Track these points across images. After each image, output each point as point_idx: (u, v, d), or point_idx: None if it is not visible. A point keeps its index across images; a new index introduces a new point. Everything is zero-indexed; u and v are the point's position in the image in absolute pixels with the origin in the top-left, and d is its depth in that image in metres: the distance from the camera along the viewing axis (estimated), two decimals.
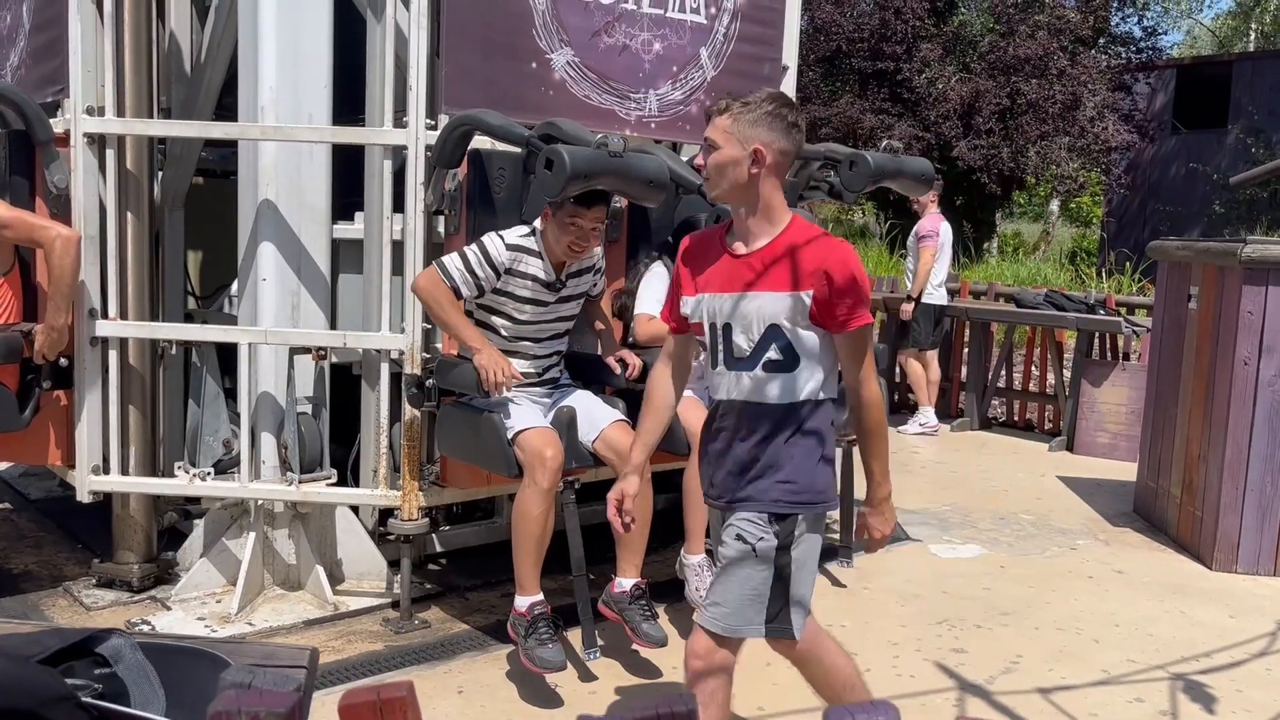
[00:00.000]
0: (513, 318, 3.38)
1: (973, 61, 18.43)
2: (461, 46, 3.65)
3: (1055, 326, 7.68)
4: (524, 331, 3.41)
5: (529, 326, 3.40)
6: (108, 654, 1.05)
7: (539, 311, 3.39)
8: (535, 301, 3.37)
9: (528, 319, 3.39)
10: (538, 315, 3.40)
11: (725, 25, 4.35)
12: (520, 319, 3.39)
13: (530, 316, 3.39)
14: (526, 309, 3.38)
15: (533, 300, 3.37)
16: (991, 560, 4.77)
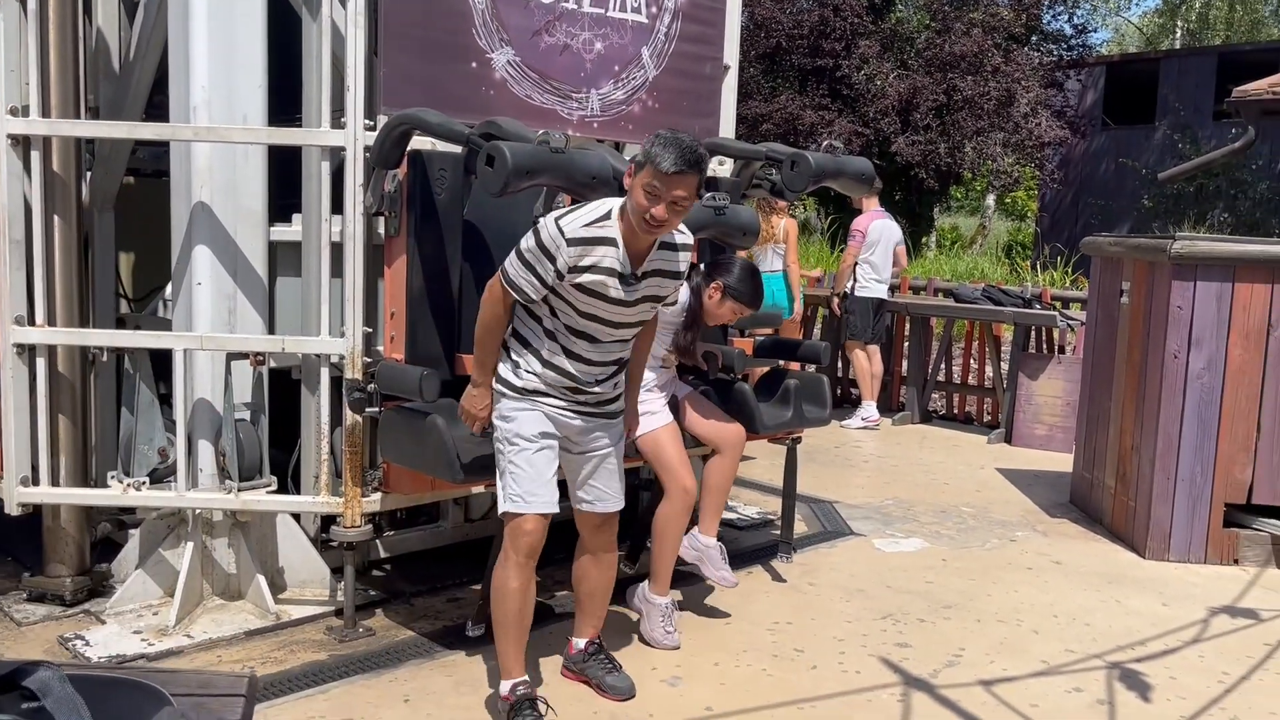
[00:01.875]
0: (575, 308, 2.91)
1: (910, 58, 18.69)
2: (400, 46, 3.60)
3: (993, 321, 7.81)
4: (586, 328, 2.94)
5: (592, 324, 2.94)
6: (35, 687, 1.02)
7: (608, 309, 2.91)
8: (603, 297, 2.88)
9: (591, 314, 2.91)
10: (606, 312, 2.92)
11: (666, 25, 4.35)
12: (583, 312, 2.91)
13: (594, 310, 2.90)
14: (593, 303, 2.89)
15: (600, 295, 2.88)
16: (933, 554, 4.84)
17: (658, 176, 2.69)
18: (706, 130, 4.55)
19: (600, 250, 2.83)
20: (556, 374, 2.96)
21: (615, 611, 3.93)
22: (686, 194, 2.73)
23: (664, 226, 2.78)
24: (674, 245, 2.98)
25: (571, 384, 2.98)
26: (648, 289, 2.94)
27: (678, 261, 3.00)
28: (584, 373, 2.98)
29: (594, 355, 2.98)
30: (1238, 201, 18.28)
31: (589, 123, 4.14)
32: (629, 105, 4.27)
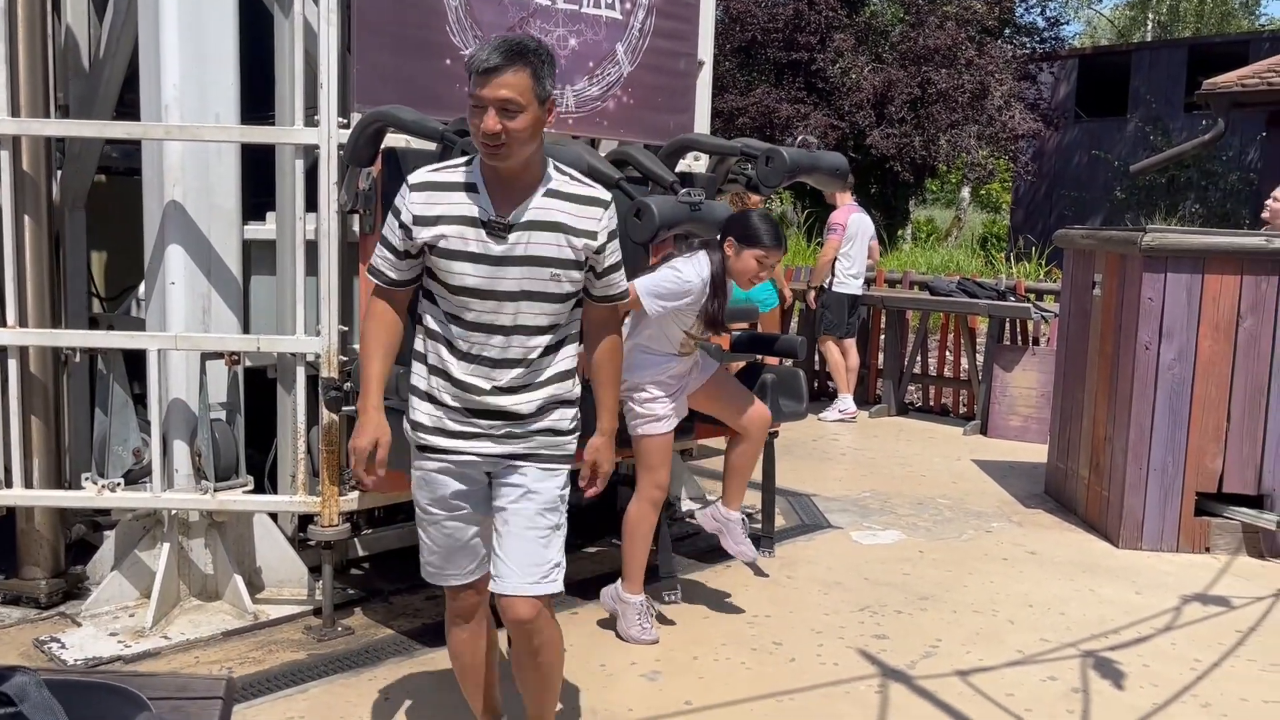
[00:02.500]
0: (446, 283, 2.35)
1: (884, 52, 18.76)
2: (373, 43, 3.59)
3: (968, 313, 7.87)
4: (461, 309, 2.35)
5: (467, 301, 2.34)
6: (12, 693, 1.02)
7: (476, 273, 2.30)
8: (467, 256, 2.29)
9: (461, 285, 2.32)
10: (476, 278, 2.31)
11: (641, 21, 4.35)
12: (453, 285, 2.33)
13: (463, 280, 2.31)
14: (456, 268, 2.31)
15: (462, 254, 2.30)
16: (910, 545, 4.88)
17: (475, 81, 2.19)
18: (681, 126, 4.56)
19: (452, 196, 2.31)
20: (442, 381, 2.40)
21: (593, 604, 3.94)
22: (513, 94, 2.17)
23: (507, 147, 2.20)
24: (571, 195, 2.35)
25: (462, 392, 2.38)
26: (531, 246, 2.31)
27: (577, 216, 2.34)
28: (473, 374, 2.36)
29: (480, 347, 2.36)
30: (1209, 193, 18.48)
31: (564, 119, 4.13)
32: (604, 101, 4.27)
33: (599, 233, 2.38)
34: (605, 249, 2.40)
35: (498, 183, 2.30)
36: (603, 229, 2.39)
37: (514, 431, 2.43)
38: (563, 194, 2.34)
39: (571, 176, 2.39)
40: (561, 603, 3.97)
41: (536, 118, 2.23)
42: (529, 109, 2.20)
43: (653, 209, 3.43)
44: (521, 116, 2.19)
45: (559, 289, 2.36)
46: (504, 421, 2.42)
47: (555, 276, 2.34)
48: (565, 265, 2.36)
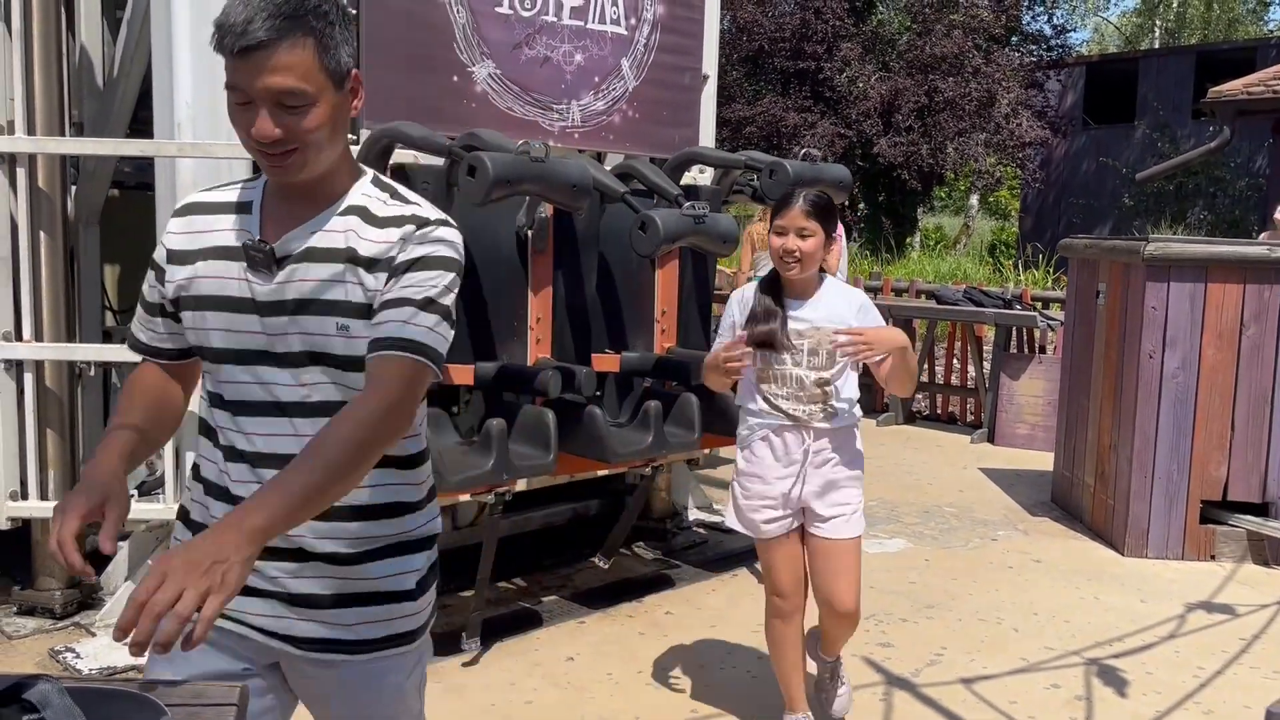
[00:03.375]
0: (203, 347, 1.60)
1: (891, 60, 18.80)
2: (382, 60, 3.65)
3: (974, 322, 7.90)
4: (222, 384, 1.59)
5: (231, 371, 1.58)
6: (35, 700, 1.06)
7: (239, 329, 1.56)
8: (225, 303, 1.56)
9: (224, 347, 1.57)
10: (238, 339, 1.56)
11: (645, 36, 4.40)
12: (212, 349, 1.58)
13: (226, 340, 1.57)
14: (211, 320, 1.57)
15: (218, 300, 1.57)
16: (916, 554, 4.90)
17: (232, 65, 1.43)
18: (686, 139, 4.60)
19: (218, 221, 1.60)
20: (197, 484, 1.66)
21: (601, 614, 3.98)
22: (294, 81, 1.42)
23: (300, 155, 1.47)
24: (375, 216, 1.56)
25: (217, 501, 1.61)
26: (306, 285, 1.53)
27: (373, 241, 1.54)
28: (231, 476, 1.58)
29: (251, 440, 1.56)
30: (1217, 199, 18.45)
31: (570, 133, 4.19)
32: (609, 115, 4.32)
33: (399, 253, 1.52)
34: (407, 274, 1.52)
35: (280, 200, 1.57)
36: (401, 248, 1.53)
37: (314, 594, 1.57)
38: (365, 212, 1.55)
39: (393, 192, 1.59)
40: (569, 612, 4.02)
41: (335, 106, 1.48)
42: (322, 97, 1.45)
43: (657, 222, 3.47)
44: (313, 112, 1.45)
45: (349, 350, 1.52)
46: (298, 564, 1.57)
47: (343, 329, 1.52)
48: (355, 312, 1.52)
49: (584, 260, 4.09)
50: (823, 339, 2.81)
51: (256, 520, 1.31)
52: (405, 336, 1.48)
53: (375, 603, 1.60)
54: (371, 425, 1.43)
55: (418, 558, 1.66)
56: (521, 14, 3.98)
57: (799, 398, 2.85)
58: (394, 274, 1.52)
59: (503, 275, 3.88)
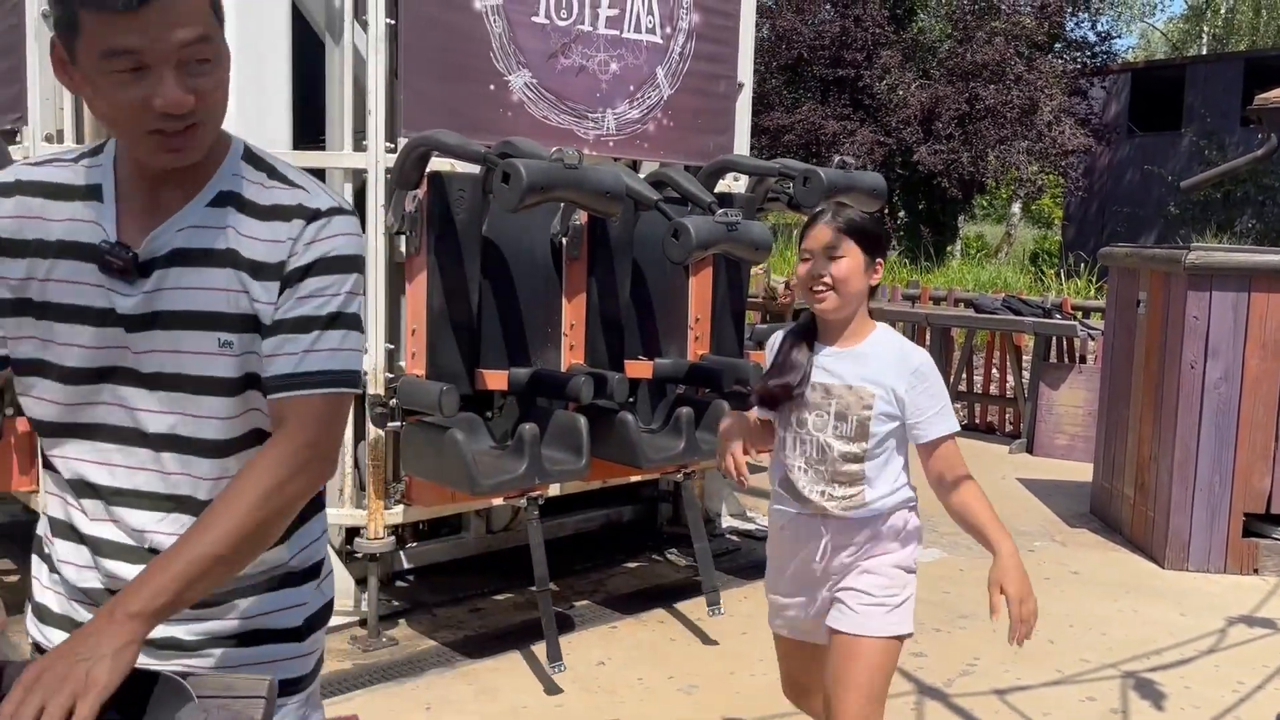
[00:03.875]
0: (53, 365, 1.31)
1: (932, 68, 18.71)
2: (420, 69, 3.70)
3: (1013, 331, 7.82)
4: (69, 405, 1.33)
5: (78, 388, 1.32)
6: None
7: (98, 347, 1.30)
8: (82, 315, 1.29)
9: (75, 364, 1.30)
10: (96, 357, 1.30)
11: (681, 45, 4.43)
12: (65, 368, 1.31)
13: (80, 358, 1.30)
14: (64, 335, 1.30)
15: (73, 311, 1.29)
16: (951, 564, 4.87)
17: (114, 25, 1.14)
18: (721, 147, 4.62)
19: (59, 208, 1.30)
20: (64, 544, 1.38)
21: (633, 619, 4.00)
22: (202, 28, 1.18)
23: (202, 129, 1.23)
24: (259, 206, 1.31)
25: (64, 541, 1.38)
26: (179, 295, 1.28)
27: (262, 239, 1.30)
28: (84, 510, 1.35)
29: (97, 466, 1.33)
30: (1266, 208, 18.12)
31: (605, 141, 4.22)
32: (644, 124, 4.35)
33: (290, 257, 1.29)
34: (304, 281, 1.29)
35: (137, 184, 1.30)
36: (292, 250, 1.30)
37: (175, 637, 1.36)
38: (241, 200, 1.31)
39: (270, 170, 1.35)
40: (601, 617, 4.04)
41: (228, 62, 1.25)
42: (221, 51, 1.23)
43: (690, 229, 3.49)
44: (219, 69, 1.22)
45: (231, 370, 1.29)
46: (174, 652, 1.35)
47: (226, 345, 1.29)
48: (239, 325, 1.29)
49: (618, 267, 4.12)
50: (854, 402, 2.17)
51: (132, 605, 1.14)
52: (316, 369, 1.27)
53: (251, 644, 1.38)
54: (289, 478, 1.25)
55: (303, 590, 1.43)
56: (558, 23, 4.02)
57: (820, 473, 2.20)
58: (287, 283, 1.28)
59: (537, 282, 3.92)
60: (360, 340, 1.33)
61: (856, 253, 2.16)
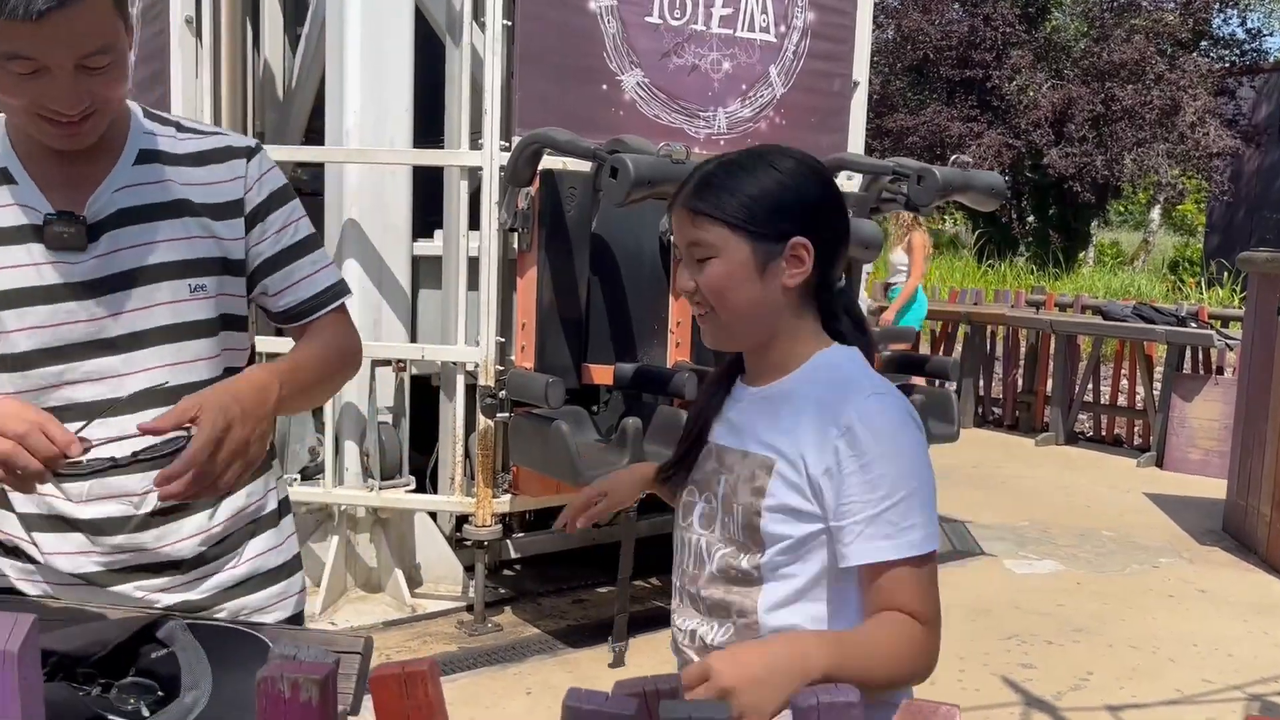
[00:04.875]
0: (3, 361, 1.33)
1: (1065, 67, 18.07)
2: (534, 70, 3.79)
3: (1144, 340, 7.50)
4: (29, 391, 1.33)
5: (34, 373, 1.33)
6: (163, 637, 1.18)
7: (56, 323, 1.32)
8: (21, 297, 1.31)
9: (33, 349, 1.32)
10: (56, 334, 1.32)
11: (795, 43, 4.41)
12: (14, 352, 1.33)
13: (31, 340, 1.32)
14: (10, 320, 1.32)
15: (12, 296, 1.31)
16: (1068, 576, 4.70)
17: (15, 31, 1.15)
18: (834, 146, 4.58)
19: None
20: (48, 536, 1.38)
21: None
22: (103, 39, 1.20)
23: (99, 118, 1.27)
24: (185, 155, 1.39)
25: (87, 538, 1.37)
26: (137, 251, 1.33)
27: (206, 183, 1.38)
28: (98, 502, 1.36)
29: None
30: None
31: (715, 140, 4.23)
32: (756, 122, 4.35)
33: (247, 194, 1.39)
34: (269, 217, 1.41)
35: (47, 160, 1.32)
36: (245, 187, 1.39)
37: (190, 599, 1.41)
38: (167, 155, 1.37)
39: (177, 125, 1.41)
40: None
41: (127, 58, 1.28)
42: (121, 55, 1.25)
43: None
44: (117, 71, 1.25)
45: (204, 312, 1.36)
46: (169, 577, 1.40)
47: (199, 289, 1.35)
48: (208, 269, 1.36)
49: None
50: (743, 481, 1.27)
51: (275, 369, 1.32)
52: (326, 286, 1.45)
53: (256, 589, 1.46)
54: (350, 370, 1.49)
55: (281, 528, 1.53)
56: (671, 23, 4.05)
57: (692, 599, 1.33)
58: (254, 218, 1.39)
59: (645, 279, 3.96)
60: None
61: (737, 245, 1.25)
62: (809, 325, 1.30)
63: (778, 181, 1.25)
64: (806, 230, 1.24)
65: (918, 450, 1.21)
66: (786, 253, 1.24)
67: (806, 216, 1.25)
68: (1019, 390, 8.21)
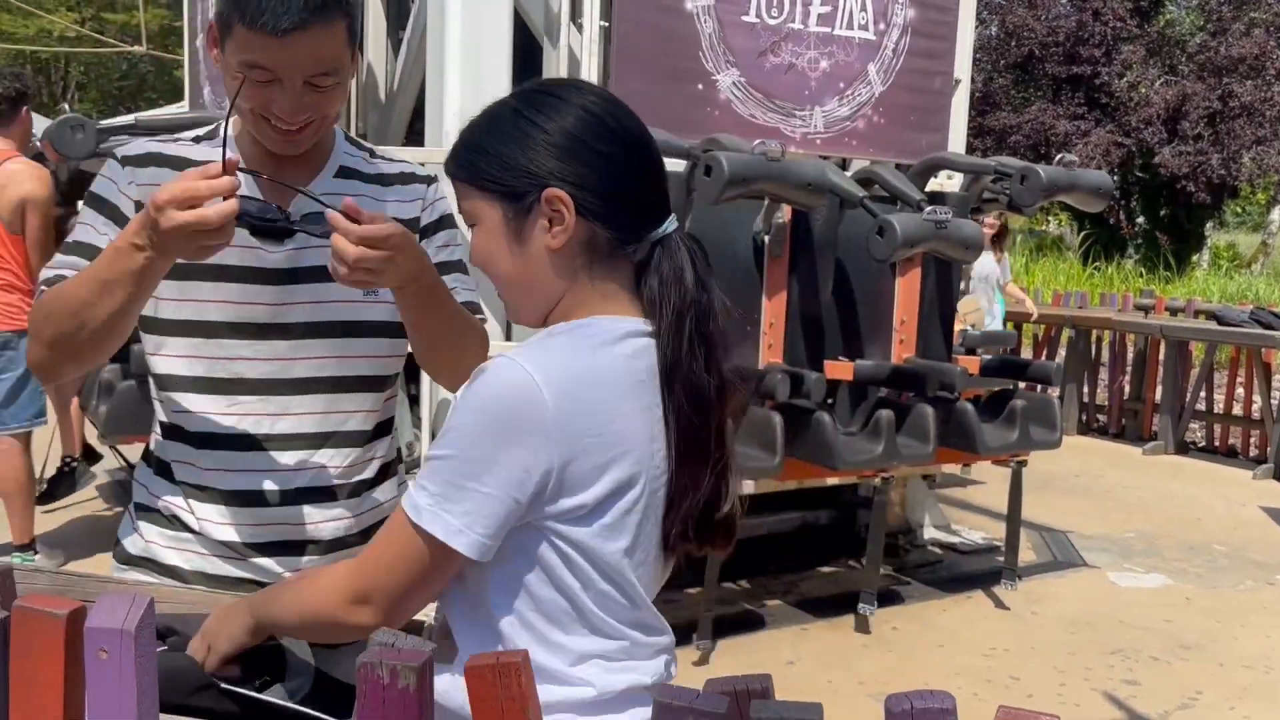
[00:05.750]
0: (191, 321, 1.45)
1: (1179, 63, 17.41)
2: (630, 69, 3.80)
3: (1262, 346, 7.17)
4: (216, 365, 1.46)
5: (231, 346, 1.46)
6: None
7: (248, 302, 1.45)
8: (224, 273, 1.44)
9: (221, 321, 1.45)
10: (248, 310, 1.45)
11: (895, 41, 4.34)
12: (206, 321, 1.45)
13: (225, 313, 1.45)
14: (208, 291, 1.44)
15: (217, 270, 1.43)
16: (1176, 591, 4.53)
17: (263, 43, 1.30)
18: (934, 145, 4.49)
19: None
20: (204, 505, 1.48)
21: (824, 622, 3.95)
22: (333, 62, 1.35)
23: (314, 128, 1.41)
24: (375, 175, 1.55)
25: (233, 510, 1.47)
26: (324, 250, 1.32)
27: (393, 201, 1.53)
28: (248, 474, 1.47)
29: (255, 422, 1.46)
30: None
31: (812, 139, 4.19)
32: (853, 121, 4.29)
33: (423, 214, 1.56)
34: (436, 235, 1.56)
35: (262, 162, 1.45)
36: (423, 209, 1.56)
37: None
38: (362, 174, 1.53)
39: (371, 151, 1.58)
40: (792, 618, 4.02)
41: (348, 83, 1.44)
42: (345, 79, 1.40)
43: (895, 226, 3.41)
44: (339, 91, 1.40)
45: (373, 315, 1.48)
46: (309, 557, 1.49)
47: (371, 293, 1.45)
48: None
49: (820, 266, 4.08)
50: None
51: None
52: (468, 302, 1.54)
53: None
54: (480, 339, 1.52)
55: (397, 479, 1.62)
56: (768, 22, 4.03)
57: None
58: (424, 235, 1.54)
59: (737, 279, 3.94)
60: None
61: (490, 209, 1.12)
62: (599, 291, 1.11)
63: (525, 129, 1.09)
64: (562, 180, 1.07)
65: (478, 421, 1.02)
66: (543, 209, 1.08)
67: (556, 163, 1.08)
68: (1125, 397, 7.93)
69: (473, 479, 1.00)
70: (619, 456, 1.04)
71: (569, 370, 1.03)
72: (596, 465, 1.03)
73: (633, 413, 1.06)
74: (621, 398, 1.05)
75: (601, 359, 1.06)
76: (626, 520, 1.06)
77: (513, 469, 1.00)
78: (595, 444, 1.02)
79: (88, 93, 21.28)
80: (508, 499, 1.00)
